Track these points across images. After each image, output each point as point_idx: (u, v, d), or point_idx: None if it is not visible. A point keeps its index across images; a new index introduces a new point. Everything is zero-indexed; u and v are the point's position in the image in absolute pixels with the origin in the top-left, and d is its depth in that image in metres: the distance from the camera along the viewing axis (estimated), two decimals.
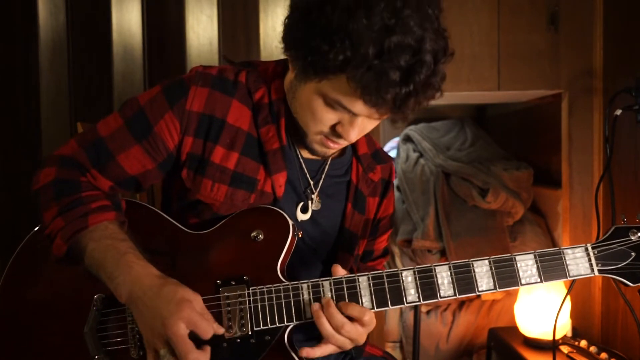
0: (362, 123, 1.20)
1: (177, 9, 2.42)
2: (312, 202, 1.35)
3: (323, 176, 1.37)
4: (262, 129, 1.29)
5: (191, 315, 1.08)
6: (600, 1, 2.40)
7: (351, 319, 1.16)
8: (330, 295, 1.18)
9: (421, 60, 1.06)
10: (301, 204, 1.34)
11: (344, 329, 1.15)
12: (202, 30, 2.43)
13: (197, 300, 1.12)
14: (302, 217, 1.34)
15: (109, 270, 1.15)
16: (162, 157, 1.27)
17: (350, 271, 1.39)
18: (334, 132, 1.21)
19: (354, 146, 1.43)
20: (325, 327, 1.15)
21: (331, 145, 1.25)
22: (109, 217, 1.21)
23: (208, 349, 1.12)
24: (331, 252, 1.40)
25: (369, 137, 1.46)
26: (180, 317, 1.07)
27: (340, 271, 1.20)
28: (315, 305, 1.16)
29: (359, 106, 1.13)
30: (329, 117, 1.19)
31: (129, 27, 2.41)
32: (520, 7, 2.44)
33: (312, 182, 1.35)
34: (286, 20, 1.18)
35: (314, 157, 1.35)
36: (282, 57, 1.39)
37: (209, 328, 1.11)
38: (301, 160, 1.34)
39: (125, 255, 1.15)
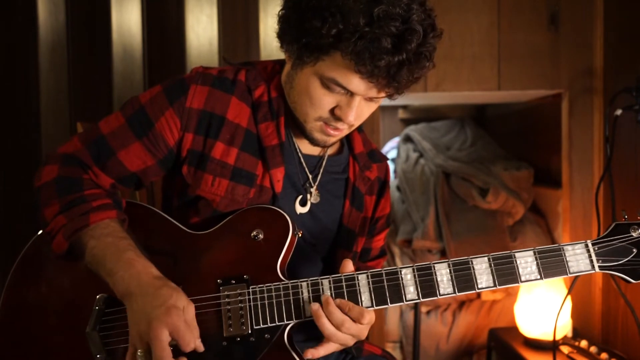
0: (360, 106, 1.23)
1: (177, 9, 2.43)
2: (310, 196, 1.36)
3: (321, 171, 1.38)
4: (262, 125, 1.31)
5: (177, 324, 1.09)
6: (600, 1, 2.40)
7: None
8: (329, 294, 1.18)
9: (411, 29, 1.11)
10: (300, 197, 1.35)
11: (345, 326, 1.15)
12: (202, 30, 2.43)
13: (188, 309, 1.13)
14: (300, 210, 1.35)
15: (109, 267, 1.16)
16: (162, 153, 1.29)
17: None
18: (333, 116, 1.24)
19: (350, 145, 1.45)
20: (327, 326, 1.15)
21: (331, 131, 1.27)
22: (110, 215, 1.22)
23: None
24: (330, 248, 1.41)
25: (364, 137, 1.49)
26: (166, 323, 1.08)
27: (349, 265, 1.21)
28: (315, 305, 1.16)
29: (355, 82, 1.17)
30: (327, 101, 1.22)
31: (129, 27, 2.41)
32: (521, 7, 2.44)
33: (310, 176, 1.37)
34: (280, 13, 1.22)
35: (312, 153, 1.37)
36: (282, 57, 1.40)
37: (191, 341, 1.11)
38: (300, 155, 1.36)
39: (125, 253, 1.17)
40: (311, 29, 1.13)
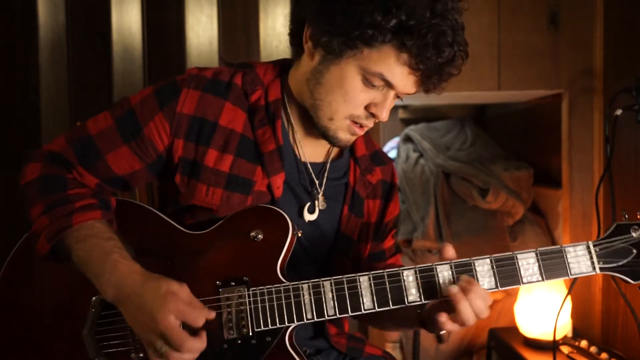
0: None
1: (177, 9, 2.42)
2: (318, 202, 1.33)
3: (325, 176, 1.35)
4: (259, 131, 1.28)
5: (178, 306, 1.08)
6: (600, 1, 2.40)
7: None
8: (331, 296, 1.17)
9: (459, 23, 1.16)
10: (308, 204, 1.33)
11: (484, 314, 1.13)
12: (202, 30, 2.43)
13: (182, 290, 1.11)
14: (309, 217, 1.33)
15: (95, 270, 1.14)
16: (151, 158, 1.26)
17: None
18: (366, 112, 1.23)
19: (352, 148, 1.41)
20: (467, 311, 1.11)
21: (357, 130, 1.25)
22: (94, 215, 1.19)
23: (204, 333, 1.11)
24: (327, 253, 1.38)
25: (368, 138, 1.44)
26: (168, 310, 1.07)
27: (450, 249, 1.18)
28: (455, 289, 1.11)
29: (399, 76, 1.17)
30: (364, 97, 1.21)
31: (129, 27, 2.41)
32: (521, 6, 2.44)
33: (317, 182, 1.34)
34: (317, 7, 1.19)
35: (315, 160, 1.35)
36: (282, 57, 1.38)
37: (198, 315, 1.10)
38: (304, 161, 1.33)
39: (110, 255, 1.14)
40: (369, 21, 1.11)
